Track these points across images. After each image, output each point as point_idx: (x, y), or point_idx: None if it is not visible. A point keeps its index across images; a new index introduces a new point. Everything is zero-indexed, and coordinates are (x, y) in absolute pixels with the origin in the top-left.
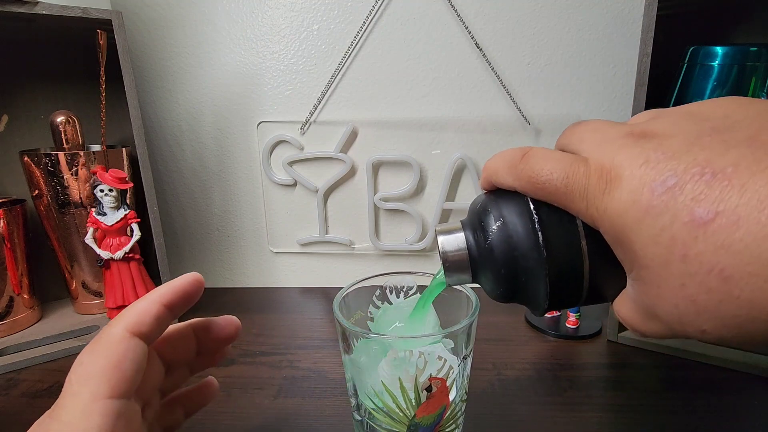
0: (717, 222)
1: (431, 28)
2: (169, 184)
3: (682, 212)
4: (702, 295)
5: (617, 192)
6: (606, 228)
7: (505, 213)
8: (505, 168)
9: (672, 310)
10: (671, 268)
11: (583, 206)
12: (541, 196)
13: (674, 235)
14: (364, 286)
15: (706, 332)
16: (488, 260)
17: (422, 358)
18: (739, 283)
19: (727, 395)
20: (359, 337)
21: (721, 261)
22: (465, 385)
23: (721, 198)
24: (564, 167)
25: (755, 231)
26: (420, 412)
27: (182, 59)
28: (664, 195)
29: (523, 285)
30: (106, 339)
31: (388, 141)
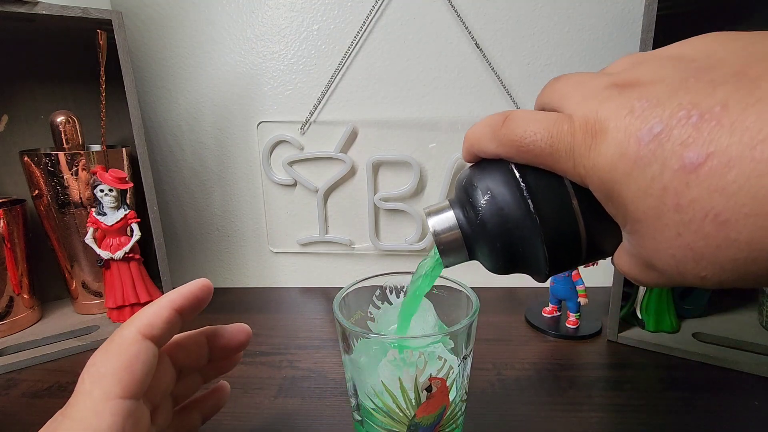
0: (708, 165)
1: (431, 28)
2: (169, 184)
3: (672, 159)
4: (699, 242)
5: (603, 146)
6: (595, 185)
7: (492, 185)
8: (487, 135)
9: (669, 260)
10: (665, 219)
11: (570, 165)
12: (527, 160)
13: (665, 184)
14: (364, 286)
15: (705, 278)
16: (482, 236)
17: (422, 358)
18: (736, 225)
19: (727, 395)
20: (359, 337)
21: (716, 205)
22: (465, 385)
23: (711, 139)
24: (547, 127)
25: (748, 170)
26: (420, 412)
27: (182, 59)
28: (651, 143)
29: (522, 254)
30: (119, 341)
31: (388, 141)
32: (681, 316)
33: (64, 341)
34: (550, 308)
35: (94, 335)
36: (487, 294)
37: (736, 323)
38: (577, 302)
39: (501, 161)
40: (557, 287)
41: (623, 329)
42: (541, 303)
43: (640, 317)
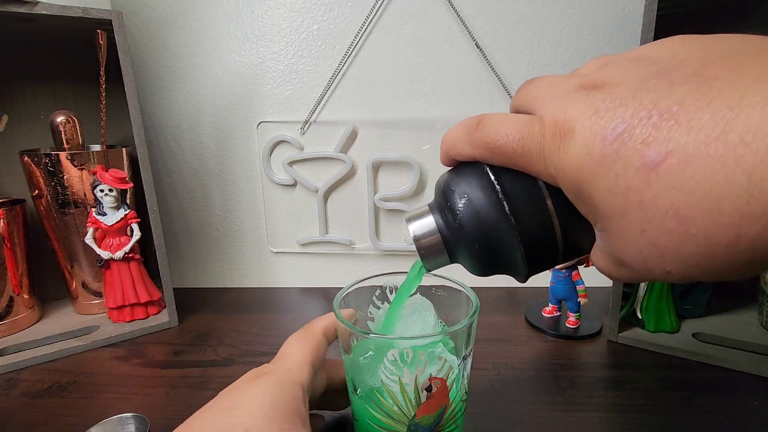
0: (667, 162)
1: (431, 27)
2: (169, 184)
3: (634, 158)
4: (662, 238)
5: (571, 146)
6: (565, 185)
7: (468, 189)
8: (462, 138)
9: (636, 255)
10: (630, 216)
11: (541, 166)
12: (500, 161)
13: (629, 182)
14: (364, 286)
15: (670, 273)
16: (461, 239)
17: (422, 358)
18: (695, 221)
19: (727, 395)
20: (359, 337)
21: (675, 201)
22: (465, 385)
23: (669, 137)
24: (519, 129)
25: (704, 166)
26: (420, 412)
27: (182, 59)
28: (614, 143)
29: (501, 256)
30: (311, 331)
31: (388, 141)
32: (681, 316)
33: (64, 341)
34: (550, 308)
35: (94, 335)
36: (487, 294)
37: (736, 323)
38: (577, 302)
39: (477, 164)
40: (557, 287)
41: (623, 329)
42: (541, 303)
43: (640, 317)
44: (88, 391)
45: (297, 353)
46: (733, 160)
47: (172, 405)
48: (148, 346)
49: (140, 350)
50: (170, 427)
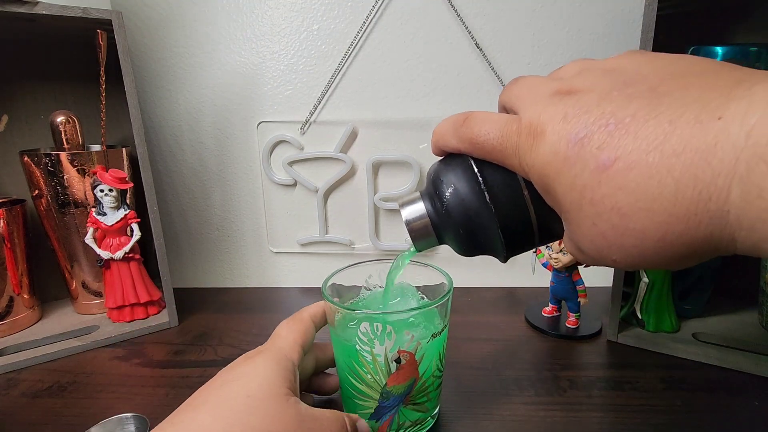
0: (616, 166)
1: (431, 28)
2: (169, 184)
3: (590, 161)
4: (609, 231)
5: (541, 146)
6: (535, 180)
7: (455, 179)
8: (449, 132)
9: (590, 245)
10: (584, 211)
11: (516, 161)
12: (482, 155)
13: (584, 182)
14: (356, 270)
15: (617, 261)
16: (447, 224)
17: (391, 331)
18: (633, 218)
19: (727, 395)
20: (339, 312)
21: (619, 200)
22: (438, 362)
23: (619, 145)
24: (500, 127)
25: (644, 171)
26: (391, 382)
27: (182, 59)
28: (576, 146)
29: (483, 239)
30: (300, 317)
31: (388, 141)
32: (681, 316)
33: (64, 341)
34: (550, 308)
35: (94, 335)
36: (487, 294)
37: (736, 323)
38: (577, 302)
39: (463, 157)
40: (557, 287)
41: (623, 329)
42: (541, 303)
43: (640, 317)
44: (88, 391)
45: (288, 335)
46: (666, 168)
47: (172, 405)
48: (148, 346)
49: (140, 350)
50: None
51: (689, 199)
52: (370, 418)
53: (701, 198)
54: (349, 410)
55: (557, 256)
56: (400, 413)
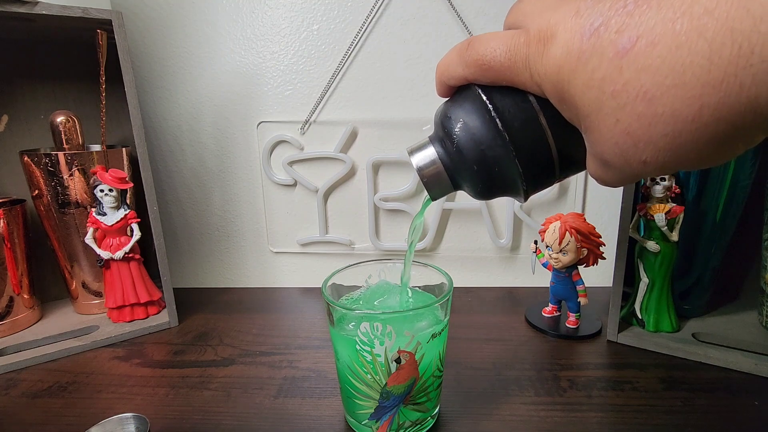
0: (638, 46)
1: (431, 28)
2: (169, 184)
3: (608, 48)
4: (634, 124)
5: (553, 49)
6: (549, 89)
7: (462, 113)
8: (454, 60)
9: (614, 149)
10: (605, 108)
11: (527, 75)
12: (490, 77)
13: (603, 73)
14: (356, 270)
15: (647, 162)
16: (460, 162)
17: (391, 332)
18: (661, 99)
19: (727, 395)
20: (338, 312)
21: (644, 83)
22: (438, 362)
23: (641, 22)
24: (506, 42)
25: (670, 43)
26: (390, 382)
27: (182, 59)
28: (592, 37)
29: (498, 174)
30: None
31: (388, 141)
32: (681, 316)
33: (64, 341)
34: (550, 308)
35: (94, 335)
36: (487, 294)
37: (736, 323)
38: (577, 302)
39: (470, 88)
40: (557, 287)
41: (623, 329)
42: (541, 303)
43: (640, 317)
44: (88, 391)
45: None
46: (696, 31)
47: (172, 405)
48: (148, 346)
49: (140, 350)
50: (170, 427)
51: (726, 60)
52: (370, 418)
53: (741, 53)
54: (349, 410)
55: (557, 256)
56: (400, 413)
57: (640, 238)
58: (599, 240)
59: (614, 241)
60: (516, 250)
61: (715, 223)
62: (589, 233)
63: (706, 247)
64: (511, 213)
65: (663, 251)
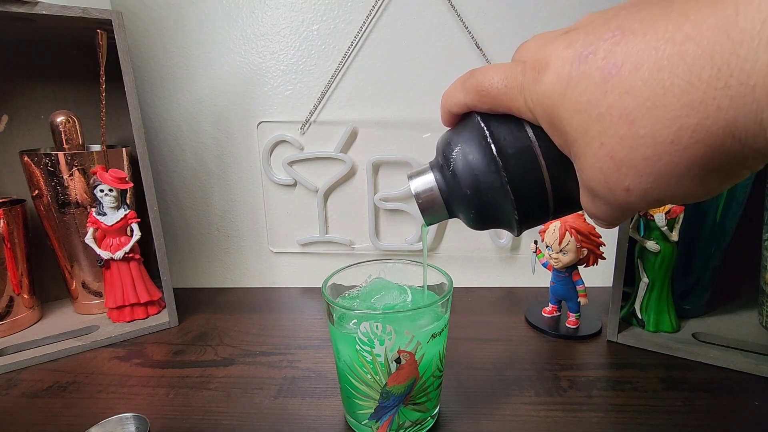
0: (622, 70)
1: (431, 28)
2: (169, 184)
3: (595, 73)
4: (616, 147)
5: (546, 77)
6: (540, 114)
7: (461, 139)
8: (456, 87)
9: (598, 174)
10: (591, 132)
11: (521, 101)
12: (488, 104)
13: (589, 97)
14: (356, 270)
15: (630, 190)
16: (454, 187)
17: (391, 332)
18: (642, 121)
19: (727, 395)
20: (338, 311)
21: (627, 105)
22: (438, 362)
23: (627, 49)
24: (504, 71)
25: (652, 66)
26: (391, 382)
27: (182, 59)
28: (581, 64)
29: (491, 202)
30: None
31: (388, 141)
32: (681, 316)
33: (64, 341)
34: (550, 308)
35: (94, 335)
36: (487, 294)
37: (736, 323)
38: (577, 302)
39: (471, 117)
40: (557, 287)
41: (623, 329)
42: (541, 303)
43: (640, 317)
44: (88, 391)
45: None
46: (678, 55)
47: (172, 405)
48: (148, 346)
49: (140, 350)
50: (170, 427)
51: (706, 81)
52: (370, 418)
53: (720, 75)
54: (349, 410)
55: (557, 256)
56: (400, 413)
57: (640, 238)
58: (599, 240)
59: (614, 241)
60: (516, 250)
61: (715, 223)
62: (589, 233)
63: (706, 247)
64: None
65: (663, 251)
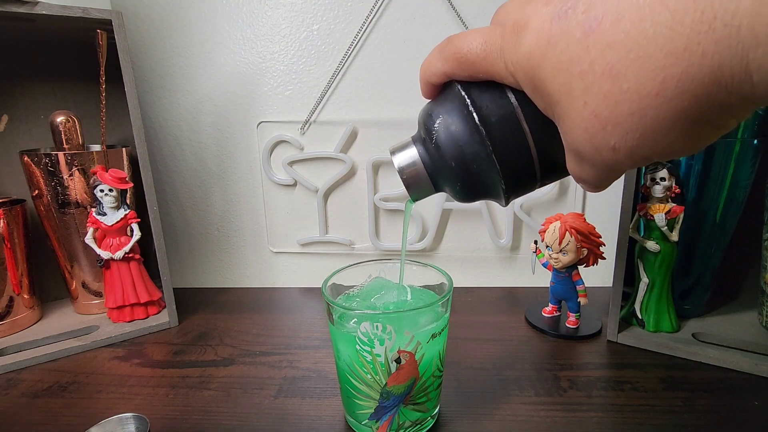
0: (603, 23)
1: (431, 28)
2: (169, 184)
3: (576, 29)
4: (600, 105)
5: (525, 37)
6: (522, 78)
7: (442, 110)
8: (434, 56)
9: (584, 135)
10: (573, 91)
11: (502, 65)
12: (467, 70)
13: (571, 55)
14: (356, 269)
15: (616, 148)
16: (439, 161)
17: (391, 332)
18: (626, 74)
19: (727, 395)
20: (338, 311)
21: (610, 59)
22: (438, 362)
23: (607, 0)
24: (483, 34)
25: (634, 16)
26: (390, 382)
27: (182, 59)
28: (561, 21)
29: (477, 173)
30: None
31: (388, 141)
32: (681, 316)
33: (64, 341)
34: (550, 308)
35: (94, 335)
36: (487, 294)
37: (736, 323)
38: (577, 302)
39: (451, 87)
40: (557, 287)
41: (623, 329)
42: (541, 303)
43: (640, 317)
44: (88, 391)
45: None
46: (660, 2)
47: (172, 405)
48: (148, 346)
49: (140, 350)
50: (170, 427)
51: (689, 27)
52: (370, 418)
53: (704, 19)
54: (349, 410)
55: (557, 256)
56: (400, 413)
57: (640, 238)
58: (599, 240)
59: (614, 241)
60: (516, 250)
61: (715, 223)
62: (589, 233)
63: (706, 247)
64: (511, 213)
65: (663, 251)
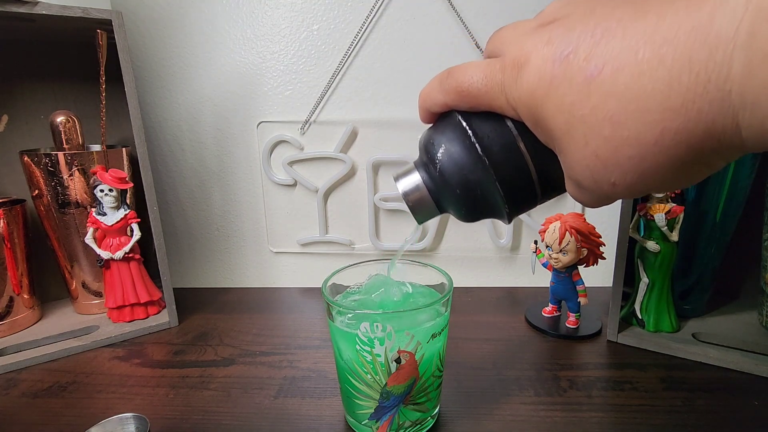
0: (604, 72)
1: (431, 28)
2: (169, 184)
3: (577, 75)
4: (601, 147)
5: (526, 75)
6: (523, 113)
7: (444, 139)
8: (435, 88)
9: (585, 171)
10: (575, 131)
11: (503, 100)
12: (468, 103)
13: (572, 98)
14: (356, 269)
15: (616, 184)
16: (443, 187)
17: (391, 332)
18: (626, 123)
19: (727, 395)
20: (337, 310)
21: (610, 108)
22: (438, 362)
23: (607, 50)
24: (483, 69)
25: (633, 71)
26: (391, 382)
27: (182, 59)
28: (562, 64)
29: (481, 198)
30: None
31: (388, 141)
32: (681, 316)
33: (64, 341)
34: (550, 308)
35: (94, 335)
36: (487, 294)
37: (736, 323)
38: (577, 302)
39: (451, 115)
40: (557, 287)
41: (623, 329)
42: (541, 303)
43: (640, 317)
44: (88, 391)
45: None
46: (657, 60)
47: (172, 405)
48: (148, 346)
49: (140, 350)
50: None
51: (685, 87)
52: (370, 418)
53: (699, 81)
54: (349, 410)
55: (557, 256)
56: (400, 413)
57: (640, 238)
58: (599, 240)
59: (614, 241)
60: (516, 250)
61: (715, 223)
62: (589, 233)
63: (706, 247)
64: None
65: (663, 251)
